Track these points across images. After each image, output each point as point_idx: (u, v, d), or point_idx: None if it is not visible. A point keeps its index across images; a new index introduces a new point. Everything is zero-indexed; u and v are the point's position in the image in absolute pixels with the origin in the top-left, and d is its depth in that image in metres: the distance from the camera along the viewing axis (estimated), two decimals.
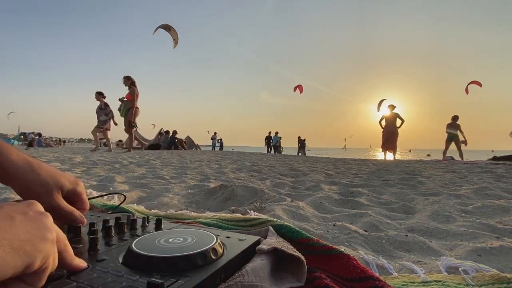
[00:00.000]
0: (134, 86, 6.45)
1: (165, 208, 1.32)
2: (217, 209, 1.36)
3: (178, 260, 0.37)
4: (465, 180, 2.56)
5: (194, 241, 0.44)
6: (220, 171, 2.98)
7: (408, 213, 1.33)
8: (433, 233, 0.99)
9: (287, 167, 3.73)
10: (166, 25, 10.12)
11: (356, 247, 0.81)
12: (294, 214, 1.18)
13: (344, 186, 2.10)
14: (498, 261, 0.74)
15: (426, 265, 0.67)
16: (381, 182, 2.36)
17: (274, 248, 0.47)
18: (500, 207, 1.32)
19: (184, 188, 1.87)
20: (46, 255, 0.29)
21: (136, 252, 0.39)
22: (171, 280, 0.34)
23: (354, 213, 1.22)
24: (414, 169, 3.57)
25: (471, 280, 0.53)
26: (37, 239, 0.29)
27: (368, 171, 3.37)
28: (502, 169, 3.57)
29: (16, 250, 0.26)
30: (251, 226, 0.68)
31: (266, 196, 1.54)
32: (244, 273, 0.39)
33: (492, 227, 1.03)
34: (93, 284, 0.33)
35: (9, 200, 1.19)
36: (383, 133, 7.61)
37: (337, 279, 0.49)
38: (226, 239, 0.49)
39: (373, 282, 0.46)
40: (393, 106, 7.49)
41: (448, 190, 1.91)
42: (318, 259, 0.54)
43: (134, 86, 6.45)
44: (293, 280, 0.45)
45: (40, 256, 0.28)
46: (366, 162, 5.42)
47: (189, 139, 12.29)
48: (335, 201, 1.53)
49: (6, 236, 0.26)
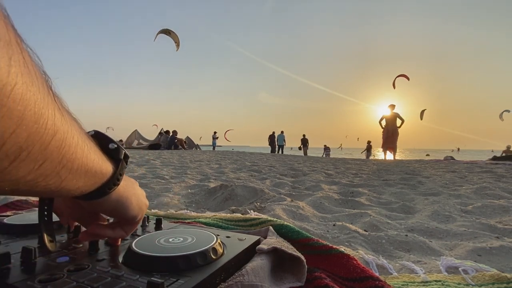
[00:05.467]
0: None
1: (165, 208, 1.32)
2: (217, 209, 1.36)
3: (178, 260, 0.37)
4: (465, 180, 2.56)
5: (194, 241, 0.44)
6: (220, 171, 2.98)
7: (408, 213, 1.33)
8: (433, 233, 0.99)
9: (287, 167, 3.72)
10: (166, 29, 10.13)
11: (356, 247, 0.81)
12: (294, 214, 1.18)
13: (344, 186, 2.10)
14: (498, 260, 0.74)
15: (426, 265, 0.67)
16: (381, 182, 2.36)
17: (274, 248, 0.47)
18: (500, 207, 1.32)
19: (184, 188, 1.87)
20: (143, 215, 0.43)
21: (136, 252, 0.39)
22: (171, 279, 0.34)
23: (354, 213, 1.22)
24: (414, 169, 3.57)
25: (471, 280, 0.53)
26: (143, 203, 0.43)
27: (368, 171, 3.37)
28: (502, 169, 3.57)
29: (139, 204, 0.41)
30: (251, 226, 0.68)
31: (266, 196, 1.54)
32: (244, 272, 0.39)
33: (492, 227, 1.03)
34: (93, 284, 0.33)
35: (9, 199, 1.19)
36: (383, 133, 7.60)
37: (337, 279, 0.49)
38: (226, 239, 0.49)
39: (373, 282, 0.46)
40: (394, 105, 7.48)
41: (448, 190, 1.91)
42: (318, 259, 0.54)
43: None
44: (293, 280, 0.45)
45: (142, 214, 0.43)
46: (366, 162, 5.42)
47: (189, 139, 12.29)
48: (335, 201, 1.53)
49: (136, 192, 0.41)
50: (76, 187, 0.30)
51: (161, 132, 11.40)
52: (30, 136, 0.22)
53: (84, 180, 0.31)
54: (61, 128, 0.25)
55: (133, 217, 0.41)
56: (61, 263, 0.39)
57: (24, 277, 0.34)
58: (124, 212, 0.40)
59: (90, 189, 0.33)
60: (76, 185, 0.30)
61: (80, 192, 0.32)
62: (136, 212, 0.41)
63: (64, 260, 0.39)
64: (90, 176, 0.32)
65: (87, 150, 0.30)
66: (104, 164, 0.34)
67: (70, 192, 0.30)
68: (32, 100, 0.21)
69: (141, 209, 0.42)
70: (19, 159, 0.22)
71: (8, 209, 0.94)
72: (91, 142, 0.32)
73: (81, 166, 0.30)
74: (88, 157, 0.30)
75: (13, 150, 0.21)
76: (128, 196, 0.39)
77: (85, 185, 0.32)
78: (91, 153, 0.31)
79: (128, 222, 0.42)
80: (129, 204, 0.40)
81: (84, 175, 0.30)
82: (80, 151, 0.28)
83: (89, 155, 0.30)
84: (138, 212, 0.42)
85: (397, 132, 7.47)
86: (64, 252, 0.42)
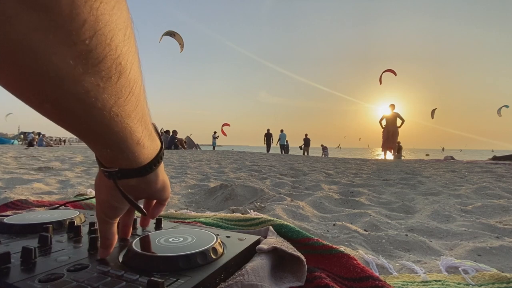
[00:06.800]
0: None
1: (165, 207, 1.32)
2: (217, 209, 1.36)
3: (178, 260, 0.37)
4: (465, 179, 2.56)
5: (194, 240, 0.44)
6: (220, 171, 2.98)
7: (408, 213, 1.33)
8: (433, 233, 0.99)
9: (287, 166, 3.73)
10: (171, 31, 10.20)
11: (356, 246, 0.81)
12: (294, 213, 1.18)
13: (344, 186, 2.10)
14: (498, 260, 0.74)
15: (426, 264, 0.67)
16: (381, 181, 2.36)
17: (274, 247, 0.47)
18: (500, 207, 1.32)
19: (184, 188, 1.87)
20: (168, 197, 0.46)
21: (136, 252, 0.39)
22: (171, 279, 0.34)
23: (354, 213, 1.22)
24: (414, 169, 3.57)
25: (471, 280, 0.53)
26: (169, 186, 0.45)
27: (368, 170, 3.37)
28: (502, 169, 3.56)
29: (168, 185, 0.44)
30: (251, 225, 0.68)
31: (266, 196, 1.54)
32: (244, 272, 0.39)
33: (492, 227, 1.03)
34: (93, 284, 0.33)
35: (9, 199, 1.19)
36: (384, 133, 7.60)
37: (337, 278, 0.49)
38: (226, 238, 0.49)
39: (373, 282, 0.46)
40: (394, 105, 7.48)
41: (448, 190, 1.91)
42: (318, 258, 0.54)
43: None
44: (293, 280, 0.45)
45: (167, 196, 0.46)
46: (366, 161, 5.42)
47: (189, 139, 12.29)
48: (335, 200, 1.53)
49: (166, 177, 0.43)
50: (141, 139, 0.32)
51: (161, 132, 11.41)
52: (127, 54, 0.25)
53: (147, 136, 0.33)
54: (141, 77, 0.29)
55: (167, 198, 0.46)
56: (61, 263, 0.39)
57: (24, 277, 0.34)
58: (164, 193, 0.44)
59: (149, 154, 0.35)
60: (141, 135, 0.32)
61: (139, 153, 0.33)
62: (169, 192, 0.46)
63: (64, 260, 0.39)
64: (152, 138, 0.35)
65: (149, 110, 0.33)
66: (156, 137, 0.38)
67: (136, 145, 0.32)
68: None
69: (170, 191, 0.47)
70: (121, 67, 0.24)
71: (8, 209, 0.94)
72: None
73: (147, 119, 0.33)
74: (149, 116, 0.33)
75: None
76: (166, 180, 0.43)
77: (147, 146, 0.34)
78: (150, 123, 0.35)
79: (162, 203, 0.47)
80: (168, 184, 0.44)
81: (146, 130, 0.33)
82: (147, 106, 0.32)
83: (150, 115, 0.34)
84: (169, 192, 0.47)
85: (397, 132, 7.47)
86: (64, 252, 0.42)
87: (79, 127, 0.27)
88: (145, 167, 0.36)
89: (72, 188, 1.68)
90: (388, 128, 7.49)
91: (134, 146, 0.32)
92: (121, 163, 0.34)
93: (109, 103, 0.25)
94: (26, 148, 8.80)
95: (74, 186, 1.77)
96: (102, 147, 0.30)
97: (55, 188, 1.74)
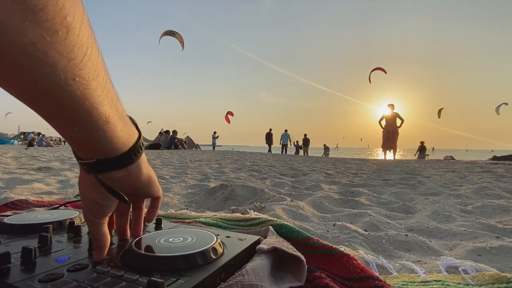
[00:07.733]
0: None
1: (165, 207, 1.32)
2: (217, 209, 1.36)
3: (178, 260, 0.37)
4: (465, 179, 2.56)
5: (194, 240, 0.44)
6: (220, 171, 2.98)
7: (408, 213, 1.33)
8: (433, 233, 0.99)
9: (287, 166, 3.73)
10: (170, 31, 10.19)
11: (356, 246, 0.81)
12: (294, 213, 1.18)
13: (344, 186, 2.10)
14: (498, 260, 0.74)
15: (426, 264, 0.67)
16: (381, 181, 2.36)
17: (274, 247, 0.47)
18: (500, 207, 1.32)
19: (184, 188, 1.87)
20: (159, 195, 0.46)
21: (136, 252, 0.39)
22: (171, 279, 0.34)
23: (354, 213, 1.22)
24: (414, 169, 3.57)
25: (471, 280, 0.53)
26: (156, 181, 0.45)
27: (368, 170, 3.37)
28: (502, 169, 3.56)
29: (155, 180, 0.43)
30: (251, 225, 0.68)
31: (266, 196, 1.54)
32: (244, 272, 0.39)
33: (492, 227, 1.03)
34: (93, 284, 0.33)
35: (9, 199, 1.19)
36: (383, 133, 7.59)
37: (337, 278, 0.49)
38: (226, 238, 0.49)
39: (373, 282, 0.46)
40: (393, 105, 7.48)
41: (448, 190, 1.91)
42: (318, 258, 0.54)
43: None
44: (293, 280, 0.45)
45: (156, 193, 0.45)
46: (366, 161, 5.42)
47: (189, 139, 12.29)
48: (335, 200, 1.53)
49: (152, 171, 0.43)
50: (110, 117, 0.31)
51: (161, 132, 11.40)
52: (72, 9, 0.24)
53: (117, 116, 0.32)
54: (97, 47, 0.29)
55: (157, 195, 0.45)
56: (61, 263, 0.39)
57: (24, 277, 0.34)
58: (152, 189, 0.43)
59: (124, 139, 0.34)
60: (109, 113, 0.31)
61: (111, 135, 0.32)
62: (158, 189, 0.45)
63: (64, 260, 0.39)
64: (125, 122, 0.34)
65: (118, 95, 0.34)
66: (131, 125, 0.37)
67: (106, 124, 0.31)
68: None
69: (159, 188, 0.46)
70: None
71: (8, 209, 0.94)
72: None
73: (115, 99, 0.32)
74: (118, 98, 0.33)
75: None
76: (151, 174, 0.42)
77: (119, 127, 0.33)
78: (122, 109, 0.35)
79: (155, 205, 0.47)
80: (155, 180, 0.43)
81: (115, 108, 0.32)
82: (113, 88, 0.32)
83: (122, 106, 0.34)
84: (159, 189, 0.46)
85: (397, 132, 7.47)
86: (64, 252, 0.42)
87: (35, 88, 0.25)
88: (124, 156, 0.35)
89: (72, 188, 1.68)
90: (388, 128, 7.49)
91: (103, 124, 0.30)
92: (96, 149, 0.32)
93: (62, 61, 0.24)
94: (26, 148, 8.79)
95: (74, 186, 1.77)
96: (67, 123, 0.29)
97: (55, 188, 1.74)
